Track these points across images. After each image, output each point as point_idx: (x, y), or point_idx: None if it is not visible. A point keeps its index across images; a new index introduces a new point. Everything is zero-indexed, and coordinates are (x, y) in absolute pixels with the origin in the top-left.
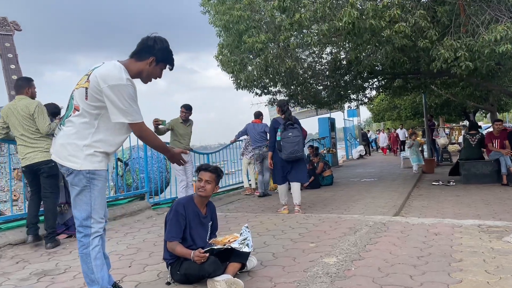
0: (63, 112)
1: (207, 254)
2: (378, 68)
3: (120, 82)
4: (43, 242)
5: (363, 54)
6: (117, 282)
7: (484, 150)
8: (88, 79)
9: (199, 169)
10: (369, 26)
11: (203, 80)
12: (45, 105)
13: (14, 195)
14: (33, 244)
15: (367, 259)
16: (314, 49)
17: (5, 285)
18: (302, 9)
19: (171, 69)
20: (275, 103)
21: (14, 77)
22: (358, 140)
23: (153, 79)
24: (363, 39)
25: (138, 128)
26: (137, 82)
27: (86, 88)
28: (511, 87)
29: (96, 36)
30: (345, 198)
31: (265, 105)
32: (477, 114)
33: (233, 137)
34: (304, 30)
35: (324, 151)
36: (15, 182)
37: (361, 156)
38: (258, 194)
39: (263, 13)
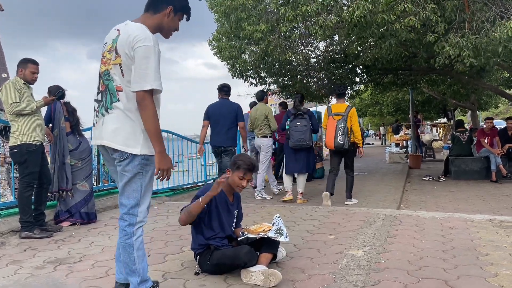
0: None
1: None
2: (377, 63)
3: (148, 43)
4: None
5: (364, 46)
6: None
7: (474, 146)
8: (117, 53)
9: (248, 170)
10: (381, 20)
11: (182, 71)
12: (49, 87)
13: None
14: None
15: (393, 251)
16: (312, 41)
17: (20, 273)
18: (310, 0)
19: (187, 20)
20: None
21: None
22: None
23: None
24: (370, 32)
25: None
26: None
27: (120, 64)
28: (499, 86)
29: (74, 22)
30: (341, 191)
31: (252, 96)
32: (455, 113)
33: None
34: (308, 22)
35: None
36: None
37: None
38: (252, 185)
39: (267, 0)
